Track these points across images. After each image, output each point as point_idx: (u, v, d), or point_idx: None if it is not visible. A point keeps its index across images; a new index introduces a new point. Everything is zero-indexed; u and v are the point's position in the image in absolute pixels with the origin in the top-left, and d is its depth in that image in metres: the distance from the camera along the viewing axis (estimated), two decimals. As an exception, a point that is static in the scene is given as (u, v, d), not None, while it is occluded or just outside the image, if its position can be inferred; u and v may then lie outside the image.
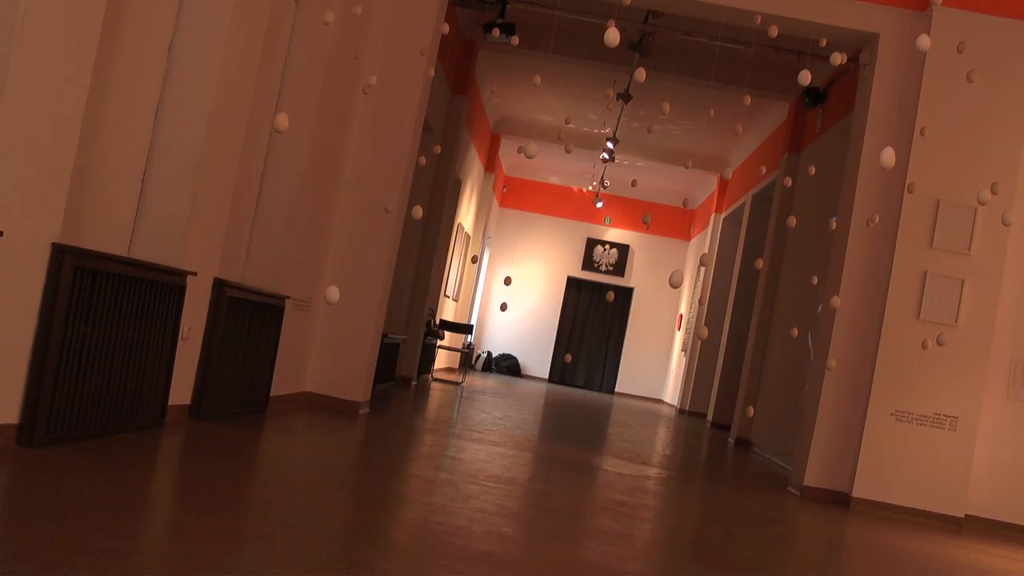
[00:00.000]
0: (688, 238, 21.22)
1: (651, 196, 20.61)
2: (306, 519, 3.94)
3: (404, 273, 11.42)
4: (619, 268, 21.61)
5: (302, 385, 7.88)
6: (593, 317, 21.72)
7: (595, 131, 15.89)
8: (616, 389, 21.53)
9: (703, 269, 17.29)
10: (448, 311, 16.43)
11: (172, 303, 5.15)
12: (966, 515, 7.54)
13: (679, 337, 19.85)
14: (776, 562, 4.96)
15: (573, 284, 21.69)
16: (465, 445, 7.39)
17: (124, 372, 4.75)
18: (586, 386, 21.45)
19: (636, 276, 21.55)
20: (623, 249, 21.68)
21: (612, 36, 4.57)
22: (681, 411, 17.45)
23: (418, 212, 5.47)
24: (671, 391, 20.03)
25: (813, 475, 7.79)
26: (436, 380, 14.64)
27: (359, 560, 3.38)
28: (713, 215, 17.43)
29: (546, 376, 21.51)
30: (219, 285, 5.82)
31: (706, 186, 18.96)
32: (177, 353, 5.33)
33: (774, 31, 6.81)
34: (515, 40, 7.37)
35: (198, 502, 3.87)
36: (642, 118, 14.77)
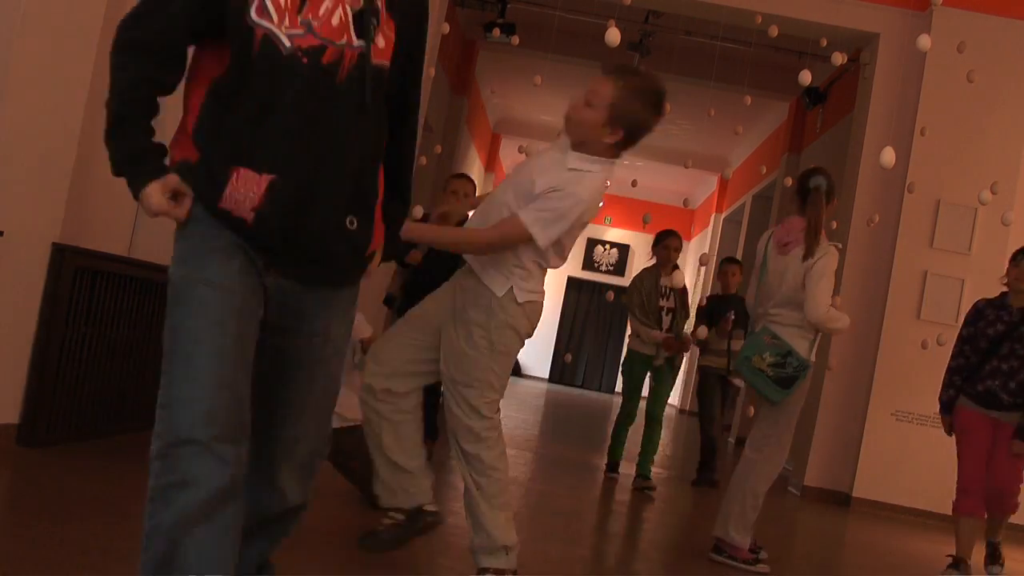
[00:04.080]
0: (688, 238, 21.22)
1: (651, 196, 20.60)
2: (306, 519, 3.93)
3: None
4: (619, 268, 21.60)
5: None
6: (593, 317, 21.71)
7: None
8: (616, 389, 21.52)
9: (703, 269, 17.29)
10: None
11: (172, 303, 5.14)
12: (966, 515, 7.53)
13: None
14: (776, 562, 4.96)
15: (573, 284, 21.68)
16: (465, 445, 7.37)
17: (124, 372, 4.75)
18: (586, 386, 21.45)
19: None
20: (623, 249, 21.67)
21: (612, 36, 4.57)
22: (681, 411, 17.45)
23: (418, 212, 5.46)
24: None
25: (813, 475, 7.79)
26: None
27: (359, 560, 3.37)
28: (713, 215, 17.42)
29: (546, 376, 21.50)
30: (219, 285, 5.81)
31: (706, 186, 18.96)
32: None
33: (774, 31, 6.79)
34: (515, 40, 7.37)
35: (198, 502, 3.87)
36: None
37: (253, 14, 1.88)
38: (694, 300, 18.38)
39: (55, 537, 2.86)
